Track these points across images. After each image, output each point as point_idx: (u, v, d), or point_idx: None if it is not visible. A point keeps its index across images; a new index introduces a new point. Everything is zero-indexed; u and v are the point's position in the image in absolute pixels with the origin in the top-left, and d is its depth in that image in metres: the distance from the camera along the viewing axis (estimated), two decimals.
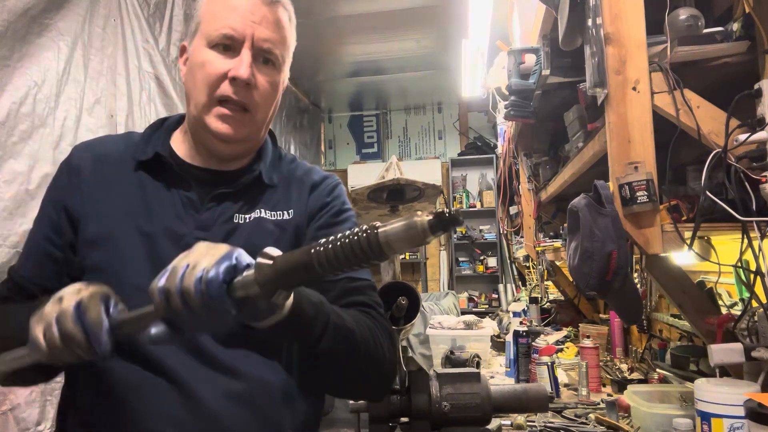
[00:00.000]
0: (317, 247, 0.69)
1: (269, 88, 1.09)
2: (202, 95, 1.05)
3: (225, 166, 1.14)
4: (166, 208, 1.07)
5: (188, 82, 1.08)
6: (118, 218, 1.05)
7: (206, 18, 1.07)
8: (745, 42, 1.39)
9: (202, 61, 1.05)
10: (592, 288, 1.47)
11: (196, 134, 1.11)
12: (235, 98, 1.04)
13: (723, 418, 1.28)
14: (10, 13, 2.26)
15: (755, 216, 1.27)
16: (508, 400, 1.35)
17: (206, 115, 1.06)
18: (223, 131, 1.06)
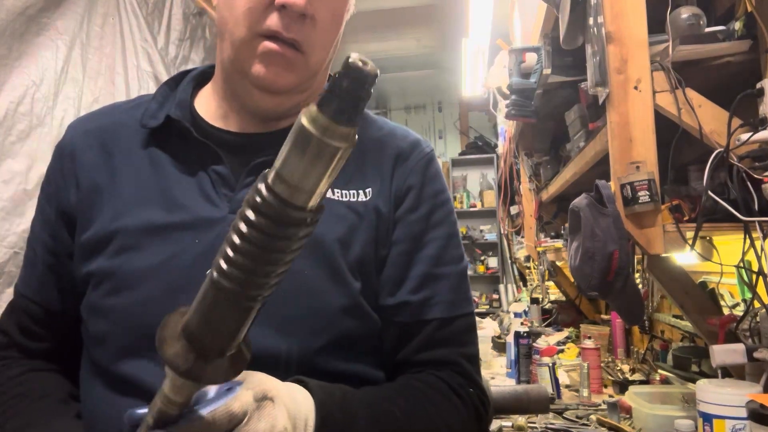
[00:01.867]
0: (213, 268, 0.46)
1: (330, 19, 0.82)
2: (241, 28, 0.77)
3: (268, 127, 0.86)
4: (189, 191, 0.81)
5: (223, 12, 0.81)
6: (126, 212, 0.80)
7: None
8: (747, 41, 1.38)
9: None
10: (593, 288, 1.46)
11: (230, 84, 0.84)
12: (286, 34, 0.77)
13: (725, 419, 1.28)
14: (8, 12, 2.26)
15: (757, 216, 1.27)
16: (508, 401, 1.34)
17: (246, 56, 0.79)
18: (268, 78, 0.78)
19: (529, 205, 3.45)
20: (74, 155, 0.86)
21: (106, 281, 0.78)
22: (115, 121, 0.88)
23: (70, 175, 0.85)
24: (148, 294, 0.76)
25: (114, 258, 0.78)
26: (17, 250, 2.26)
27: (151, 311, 0.71)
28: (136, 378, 0.75)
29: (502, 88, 2.82)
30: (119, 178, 0.83)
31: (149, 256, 0.77)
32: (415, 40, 5.07)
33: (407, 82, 6.29)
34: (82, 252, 0.81)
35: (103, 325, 0.78)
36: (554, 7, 1.82)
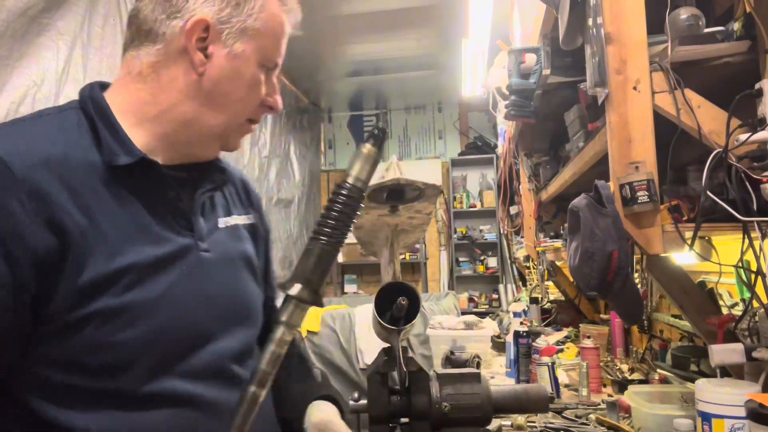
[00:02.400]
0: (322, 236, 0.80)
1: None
2: (242, 114, 0.94)
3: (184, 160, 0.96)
4: (163, 224, 0.88)
5: (227, 91, 0.91)
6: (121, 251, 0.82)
7: (267, 34, 0.93)
8: (745, 41, 1.39)
9: (256, 79, 0.92)
10: (592, 288, 1.47)
11: (190, 136, 0.92)
12: (258, 122, 0.99)
13: (724, 418, 1.28)
14: (9, 13, 2.26)
15: (756, 216, 1.27)
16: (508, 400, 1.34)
17: (232, 131, 0.95)
18: (238, 145, 0.98)
19: (529, 205, 3.46)
20: (41, 195, 0.78)
21: (116, 317, 0.81)
22: (63, 154, 0.82)
23: (41, 216, 0.77)
24: (165, 321, 0.85)
25: (123, 294, 0.81)
26: None
27: (169, 336, 0.85)
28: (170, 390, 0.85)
29: (501, 88, 2.83)
30: (96, 218, 0.82)
31: (155, 287, 0.84)
32: (415, 40, 5.06)
33: (407, 82, 6.29)
34: (78, 295, 0.79)
35: (119, 357, 0.82)
36: (553, 8, 1.83)
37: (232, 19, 0.89)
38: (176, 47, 0.88)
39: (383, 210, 1.29)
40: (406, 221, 1.35)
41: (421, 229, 1.40)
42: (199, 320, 0.90)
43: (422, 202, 1.31)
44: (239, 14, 0.90)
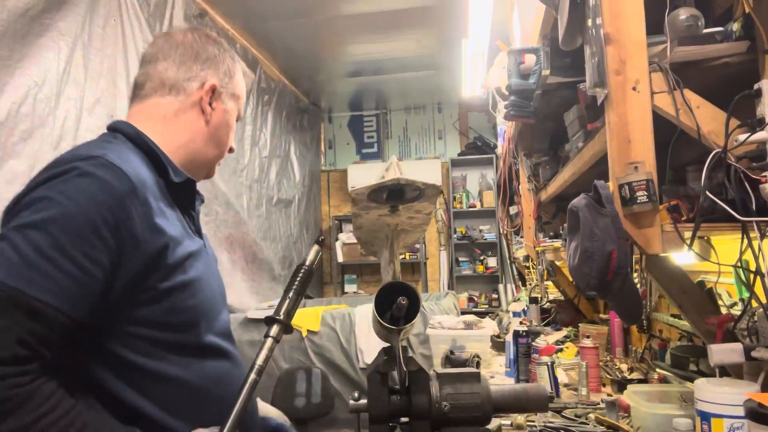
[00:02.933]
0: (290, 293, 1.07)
1: None
2: (224, 149, 1.33)
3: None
4: (189, 228, 1.23)
5: (221, 135, 1.29)
6: (181, 243, 1.13)
7: (241, 96, 1.34)
8: (745, 42, 1.39)
9: (233, 128, 1.34)
10: (592, 288, 1.47)
11: (195, 164, 1.27)
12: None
13: (723, 418, 1.28)
14: (10, 13, 2.26)
15: (755, 216, 1.27)
16: (508, 400, 1.35)
17: (217, 160, 1.33)
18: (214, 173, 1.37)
19: (528, 205, 3.46)
20: (146, 203, 1.06)
21: (187, 289, 1.11)
22: (147, 174, 1.12)
23: (147, 219, 1.05)
24: (208, 293, 1.18)
25: (188, 273, 1.12)
26: None
27: (210, 300, 1.18)
28: (216, 343, 1.18)
29: (501, 88, 2.83)
30: (169, 219, 1.12)
31: (198, 269, 1.16)
32: (415, 41, 5.07)
33: (407, 82, 6.29)
34: (166, 273, 1.07)
35: (189, 317, 1.12)
36: (553, 9, 1.83)
37: (227, 86, 1.28)
38: (192, 100, 1.23)
39: (383, 210, 1.30)
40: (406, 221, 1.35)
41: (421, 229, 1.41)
42: (215, 296, 1.22)
43: (422, 202, 1.32)
44: (230, 82, 1.29)
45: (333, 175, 7.49)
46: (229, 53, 1.30)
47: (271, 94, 5.34)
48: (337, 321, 4.17)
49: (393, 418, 1.30)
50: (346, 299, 5.83)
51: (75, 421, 0.91)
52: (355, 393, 1.30)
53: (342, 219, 7.26)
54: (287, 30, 4.66)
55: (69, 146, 2.58)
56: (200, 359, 1.13)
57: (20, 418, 0.86)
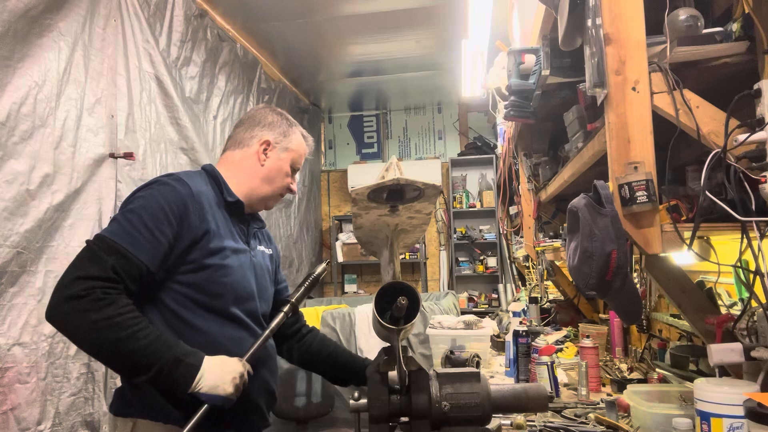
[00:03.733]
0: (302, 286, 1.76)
1: None
2: (279, 190, 1.79)
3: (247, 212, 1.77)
4: (236, 234, 1.68)
5: (273, 176, 1.76)
6: (224, 239, 1.61)
7: (296, 152, 1.80)
8: (744, 42, 1.39)
9: (287, 173, 1.79)
10: (591, 288, 1.47)
11: (256, 199, 1.76)
12: (285, 195, 1.84)
13: (722, 417, 1.29)
14: (10, 14, 2.26)
15: (754, 216, 1.27)
16: (507, 399, 1.35)
17: (271, 197, 1.79)
18: (273, 206, 1.84)
19: (528, 205, 3.46)
20: (201, 201, 1.59)
21: (221, 269, 1.58)
22: (204, 189, 1.64)
23: (198, 215, 1.57)
24: (240, 276, 1.63)
25: (224, 259, 1.59)
26: (20, 250, 2.27)
27: (242, 285, 1.63)
28: (239, 315, 1.62)
29: (501, 89, 2.83)
30: (217, 221, 1.61)
31: (235, 261, 1.62)
32: (415, 41, 5.06)
33: (407, 83, 6.29)
34: (207, 253, 1.56)
35: (220, 289, 1.57)
36: (553, 9, 1.83)
37: (281, 142, 1.78)
38: (253, 151, 1.76)
39: (383, 210, 1.30)
40: (406, 221, 1.35)
41: (421, 229, 1.41)
42: (250, 284, 1.67)
43: (422, 202, 1.32)
44: (284, 140, 1.78)
45: (333, 175, 7.49)
46: (287, 121, 1.81)
47: (272, 94, 5.34)
48: (337, 321, 4.17)
49: (393, 418, 1.30)
50: (346, 299, 5.83)
51: (141, 321, 1.42)
52: (355, 393, 1.31)
53: (342, 219, 7.26)
54: (287, 30, 4.66)
55: (69, 146, 2.58)
56: (223, 321, 1.58)
57: (112, 310, 1.38)
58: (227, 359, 1.49)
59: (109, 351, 1.40)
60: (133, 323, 1.40)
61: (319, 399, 3.64)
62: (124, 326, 1.38)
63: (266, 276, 1.78)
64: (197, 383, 1.42)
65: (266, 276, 1.78)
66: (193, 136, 3.56)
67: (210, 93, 4.04)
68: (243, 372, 1.48)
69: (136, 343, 1.38)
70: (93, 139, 2.73)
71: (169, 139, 3.40)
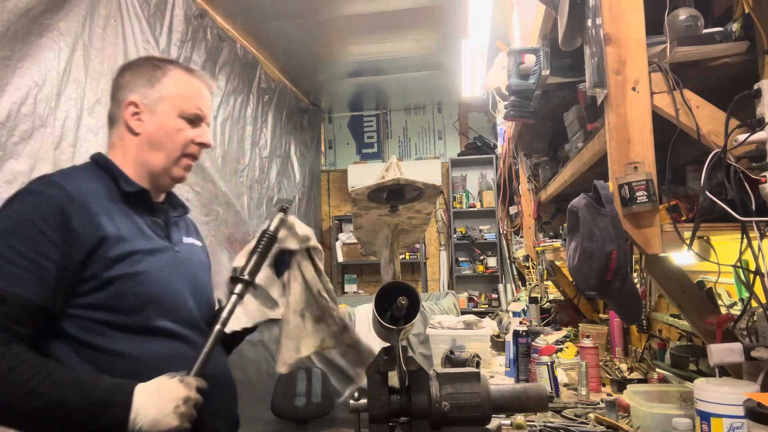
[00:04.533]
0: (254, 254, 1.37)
1: None
2: (176, 152, 1.43)
3: (159, 197, 1.49)
4: (149, 230, 1.39)
5: (159, 138, 1.41)
6: (129, 241, 1.32)
7: (177, 96, 1.43)
8: (744, 42, 1.39)
9: (178, 127, 1.42)
10: (591, 288, 1.47)
11: (154, 175, 1.43)
12: (197, 156, 1.48)
13: (722, 417, 1.29)
14: (10, 14, 2.26)
15: (754, 216, 1.27)
16: (507, 399, 1.35)
17: (174, 165, 1.43)
18: (184, 175, 1.47)
19: (528, 205, 3.46)
20: (86, 207, 1.28)
21: (133, 279, 1.29)
22: (92, 186, 1.34)
23: (86, 220, 1.26)
24: (163, 281, 1.34)
25: (135, 265, 1.30)
26: None
27: (167, 291, 1.35)
28: (170, 328, 1.33)
29: (501, 89, 2.83)
30: (116, 222, 1.32)
31: (153, 261, 1.34)
32: (415, 41, 5.07)
33: (407, 83, 6.29)
34: (109, 264, 1.26)
35: (136, 302, 1.29)
36: (553, 9, 1.83)
37: (149, 94, 1.41)
38: (123, 123, 1.42)
39: (383, 210, 1.30)
40: (406, 221, 1.35)
41: (421, 229, 1.41)
42: (178, 288, 1.38)
43: (422, 202, 1.32)
44: (153, 90, 1.41)
45: (333, 175, 7.49)
46: (151, 67, 1.45)
47: (272, 94, 5.34)
48: None
49: (393, 418, 1.30)
50: (346, 299, 5.83)
51: (43, 370, 1.16)
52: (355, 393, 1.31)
53: (342, 219, 7.26)
54: (287, 30, 4.66)
55: (70, 146, 2.58)
56: (151, 339, 1.31)
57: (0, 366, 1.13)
58: (165, 383, 1.20)
59: (8, 416, 1.15)
60: (31, 375, 1.14)
61: (319, 399, 3.64)
62: (19, 382, 1.13)
63: (200, 272, 1.50)
64: (134, 424, 1.16)
65: (200, 272, 1.50)
66: None
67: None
68: (189, 394, 1.20)
69: (39, 399, 1.13)
70: (93, 139, 2.72)
71: None
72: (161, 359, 1.29)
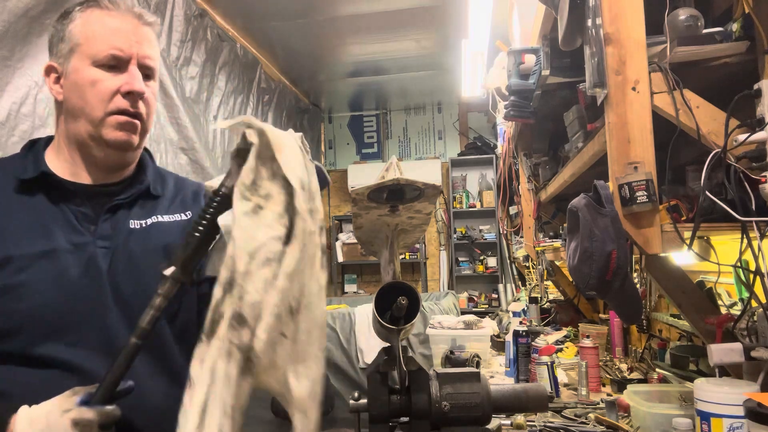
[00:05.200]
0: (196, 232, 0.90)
1: (152, 99, 1.20)
2: (98, 110, 1.12)
3: (110, 178, 1.20)
4: (62, 224, 1.11)
5: (75, 100, 1.13)
6: (16, 242, 1.06)
7: (87, 40, 1.13)
8: (744, 42, 1.39)
9: (93, 79, 1.12)
10: (591, 288, 1.47)
11: (85, 149, 1.16)
12: (131, 110, 1.14)
13: (722, 417, 1.28)
14: (10, 14, 2.26)
15: (755, 216, 1.27)
16: (507, 399, 1.35)
17: (102, 127, 1.13)
18: (123, 138, 1.14)
19: (528, 205, 3.46)
20: None
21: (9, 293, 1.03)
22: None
23: None
24: (51, 296, 1.05)
25: (14, 276, 1.04)
26: None
27: (55, 308, 1.05)
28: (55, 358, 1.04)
29: (501, 89, 2.83)
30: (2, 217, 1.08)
31: (45, 271, 1.06)
32: (415, 41, 5.06)
33: (407, 83, 6.29)
34: None
35: (15, 322, 1.03)
36: (553, 9, 1.83)
37: (62, 49, 1.15)
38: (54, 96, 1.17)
39: (383, 210, 1.29)
40: (406, 221, 1.35)
41: (421, 229, 1.41)
42: (90, 298, 1.09)
43: (422, 202, 1.32)
44: (64, 43, 1.15)
45: (333, 175, 7.48)
46: (61, 19, 1.19)
47: (272, 94, 5.34)
48: (337, 321, 4.16)
49: (393, 418, 1.30)
50: (346, 299, 5.83)
51: None
52: (355, 393, 1.31)
53: (342, 219, 7.26)
54: (287, 30, 4.65)
55: None
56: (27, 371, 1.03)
57: None
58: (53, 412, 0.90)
59: None
60: None
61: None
62: None
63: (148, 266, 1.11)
64: None
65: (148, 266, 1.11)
66: (193, 136, 3.56)
67: (210, 93, 4.04)
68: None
69: None
70: None
71: (169, 139, 3.39)
72: (39, 396, 0.94)
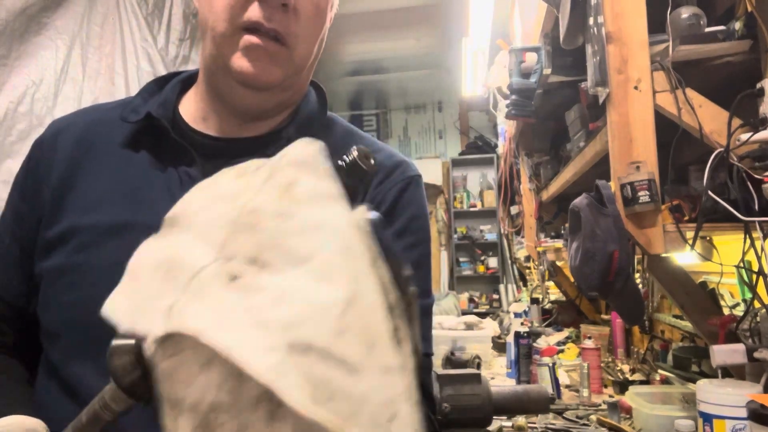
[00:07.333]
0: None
1: (313, 11, 0.77)
2: (222, 22, 0.74)
3: (248, 131, 0.83)
4: (158, 191, 0.78)
5: (203, 8, 0.79)
6: (92, 209, 0.78)
7: None
8: (747, 41, 1.38)
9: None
10: (593, 288, 1.46)
11: (213, 82, 0.82)
12: (267, 25, 0.73)
13: (725, 419, 1.28)
14: (8, 12, 2.25)
15: (758, 216, 1.27)
16: (509, 401, 1.34)
17: (228, 51, 0.75)
18: (249, 71, 0.75)
19: (529, 205, 3.45)
20: (52, 151, 0.83)
21: (63, 277, 0.76)
22: (95, 119, 0.86)
23: (47, 170, 0.82)
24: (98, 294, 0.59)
25: (74, 255, 0.76)
26: None
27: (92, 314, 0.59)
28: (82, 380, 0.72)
29: (502, 87, 2.82)
30: (91, 175, 0.80)
31: (110, 253, 0.72)
32: (415, 39, 5.06)
33: (407, 81, 6.29)
34: (43, 248, 0.79)
35: (56, 321, 0.76)
36: (554, 7, 1.82)
37: None
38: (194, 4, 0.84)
39: None
40: None
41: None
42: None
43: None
44: None
45: None
46: None
47: None
48: None
49: None
50: None
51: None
52: None
53: None
54: None
55: None
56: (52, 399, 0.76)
57: None
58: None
59: None
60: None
61: None
62: None
63: None
64: None
65: None
66: None
67: None
68: None
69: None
70: None
71: None
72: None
